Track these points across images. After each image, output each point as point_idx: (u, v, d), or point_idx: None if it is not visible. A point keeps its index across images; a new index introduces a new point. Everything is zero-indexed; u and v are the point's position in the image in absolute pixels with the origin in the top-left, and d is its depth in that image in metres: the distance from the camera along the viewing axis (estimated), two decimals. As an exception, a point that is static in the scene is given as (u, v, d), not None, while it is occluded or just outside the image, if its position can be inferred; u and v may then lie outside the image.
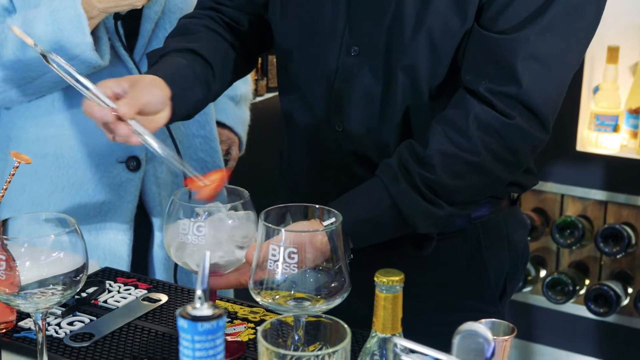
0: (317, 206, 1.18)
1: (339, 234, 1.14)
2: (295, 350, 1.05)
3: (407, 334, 0.90)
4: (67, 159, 1.87)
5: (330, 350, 0.96)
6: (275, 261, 1.11)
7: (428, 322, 1.41)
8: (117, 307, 1.48)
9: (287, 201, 1.24)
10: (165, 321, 1.44)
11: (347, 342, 0.97)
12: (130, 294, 1.54)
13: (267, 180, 2.01)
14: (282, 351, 0.96)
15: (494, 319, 1.14)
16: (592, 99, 3.14)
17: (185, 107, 1.44)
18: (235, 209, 1.26)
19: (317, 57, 1.49)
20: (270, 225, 1.12)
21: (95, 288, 1.54)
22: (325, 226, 1.16)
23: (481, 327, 0.85)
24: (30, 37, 1.69)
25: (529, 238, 3.23)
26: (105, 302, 1.50)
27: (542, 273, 3.32)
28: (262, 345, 0.96)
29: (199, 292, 0.77)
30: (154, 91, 1.35)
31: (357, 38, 1.43)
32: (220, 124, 2.14)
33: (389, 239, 1.36)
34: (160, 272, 1.96)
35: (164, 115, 1.37)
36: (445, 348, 1.28)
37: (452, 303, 1.54)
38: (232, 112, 2.18)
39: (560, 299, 3.21)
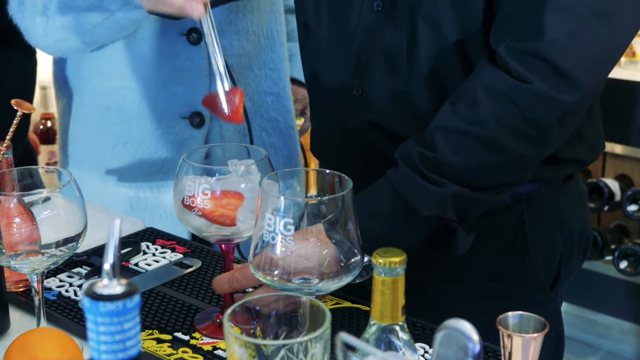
0: (327, 171, 1.04)
1: (350, 203, 1.00)
2: (285, 336, 0.92)
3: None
4: (129, 112, 1.79)
5: (307, 337, 0.82)
6: (271, 232, 0.98)
7: (472, 309, 1.23)
8: (146, 271, 1.39)
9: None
10: (190, 290, 1.33)
11: (325, 327, 0.83)
12: (164, 257, 1.44)
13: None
14: (250, 339, 0.83)
15: (522, 312, 0.97)
16: None
17: None
18: (249, 171, 1.13)
19: (336, 12, 1.35)
20: (267, 192, 0.99)
21: (128, 249, 1.45)
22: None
23: (467, 325, 0.70)
24: None
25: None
26: (136, 264, 1.41)
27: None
28: (229, 332, 0.83)
29: (106, 267, 0.65)
30: None
31: None
32: (296, 82, 2.02)
33: (399, 231, 1.16)
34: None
35: None
36: (488, 339, 1.12)
37: (495, 290, 1.36)
38: (310, 69, 2.05)
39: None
